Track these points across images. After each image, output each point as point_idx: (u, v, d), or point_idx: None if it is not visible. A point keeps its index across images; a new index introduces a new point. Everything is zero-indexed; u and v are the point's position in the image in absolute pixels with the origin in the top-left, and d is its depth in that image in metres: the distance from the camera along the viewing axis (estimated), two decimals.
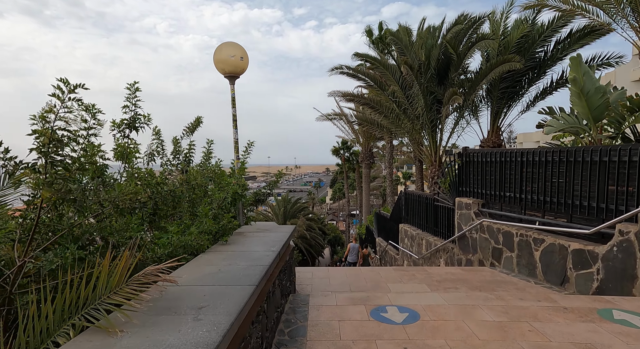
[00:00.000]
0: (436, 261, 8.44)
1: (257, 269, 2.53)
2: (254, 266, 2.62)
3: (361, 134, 28.89)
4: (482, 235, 6.73)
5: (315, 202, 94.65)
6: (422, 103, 10.59)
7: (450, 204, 8.06)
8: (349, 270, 6.61)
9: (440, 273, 6.11)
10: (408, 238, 10.25)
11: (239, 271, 2.51)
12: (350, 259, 13.53)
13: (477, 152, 7.15)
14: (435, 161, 11.40)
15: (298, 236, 34.66)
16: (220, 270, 2.52)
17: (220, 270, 2.52)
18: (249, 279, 2.33)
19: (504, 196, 6.46)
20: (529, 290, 4.97)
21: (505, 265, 6.14)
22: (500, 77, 9.62)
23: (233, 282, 2.27)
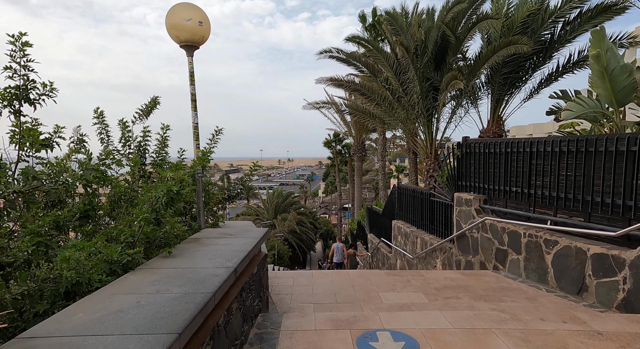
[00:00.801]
0: (432, 262, 7.78)
1: (194, 301, 1.78)
2: (192, 295, 1.87)
3: (353, 126, 28.12)
4: (484, 235, 6.05)
5: (308, 196, 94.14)
6: (418, 90, 9.82)
7: (448, 199, 7.37)
8: (336, 275, 5.90)
9: (438, 278, 5.42)
10: (402, 236, 9.57)
11: (164, 304, 1.75)
12: (335, 259, 13.02)
13: (479, 143, 6.44)
14: (430, 153, 10.70)
15: (289, 230, 33.97)
16: (138, 303, 1.76)
17: (138, 303, 1.76)
18: (172, 321, 1.57)
19: (509, 191, 5.77)
20: (542, 300, 4.30)
21: (511, 269, 5.47)
22: (502, 61, 8.89)
23: (145, 328, 1.51)
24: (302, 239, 36.36)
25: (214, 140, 4.23)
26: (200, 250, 2.78)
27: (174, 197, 2.31)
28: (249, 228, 4.60)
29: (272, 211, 38.95)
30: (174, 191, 2.26)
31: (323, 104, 16.64)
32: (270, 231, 33.82)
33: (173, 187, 2.25)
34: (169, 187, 2.25)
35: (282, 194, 42.16)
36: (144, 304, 1.74)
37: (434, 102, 10.22)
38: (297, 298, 4.64)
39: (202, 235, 3.36)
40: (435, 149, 10.68)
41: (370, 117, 12.24)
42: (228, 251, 2.74)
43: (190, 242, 3.03)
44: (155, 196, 2.25)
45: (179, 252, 2.71)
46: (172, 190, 2.25)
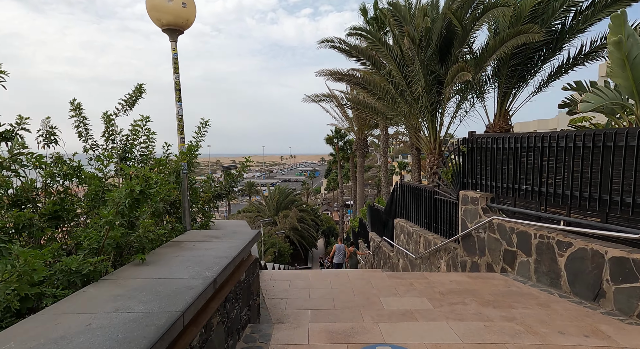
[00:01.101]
0: (436, 262, 7.48)
1: (156, 324, 1.49)
2: (156, 314, 1.57)
3: (355, 122, 27.75)
4: (491, 235, 5.74)
5: (310, 193, 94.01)
6: (423, 83, 9.46)
7: (453, 197, 7.06)
8: (335, 276, 5.61)
9: (443, 281, 5.12)
10: (404, 234, 9.27)
11: (120, 327, 1.46)
12: (336, 260, 12.86)
13: (486, 138, 6.12)
14: (434, 149, 10.36)
15: (290, 227, 33.73)
16: (89, 326, 1.47)
17: (89, 326, 1.47)
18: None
19: (518, 189, 5.45)
20: (556, 307, 4.00)
21: (521, 271, 5.16)
22: (511, 53, 8.50)
23: None
24: (304, 236, 36.13)
25: (200, 133, 3.93)
26: (179, 256, 2.49)
27: (139, 198, 2.01)
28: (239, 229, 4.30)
29: (274, 208, 38.71)
30: (137, 191, 1.96)
31: (323, 97, 16.24)
32: (271, 228, 33.63)
33: (136, 187, 1.95)
34: (130, 186, 1.95)
35: (284, 191, 41.90)
36: (95, 328, 1.45)
37: (438, 97, 9.87)
38: (293, 303, 4.36)
39: (186, 238, 3.07)
40: (440, 145, 10.34)
41: (372, 111, 11.88)
42: (210, 257, 2.45)
43: (170, 247, 2.73)
44: (118, 196, 1.96)
45: (154, 258, 2.42)
46: (134, 189, 1.95)
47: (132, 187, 1.94)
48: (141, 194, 1.98)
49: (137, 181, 1.97)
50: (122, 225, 2.29)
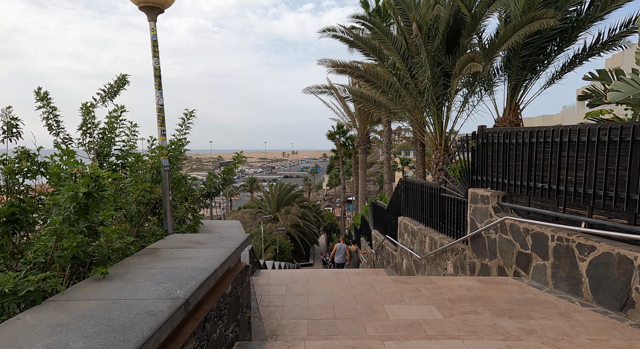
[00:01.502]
0: (442, 263, 7.11)
1: None
2: None
3: (357, 117, 27.31)
4: (503, 236, 5.36)
5: (312, 189, 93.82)
6: (429, 74, 9.02)
7: (461, 195, 6.67)
8: (336, 280, 5.25)
9: (452, 286, 4.75)
10: (408, 234, 8.90)
11: None
12: (337, 260, 12.65)
13: (498, 132, 5.72)
14: (440, 145, 9.95)
15: (291, 224, 33.42)
16: None
17: None
18: None
19: (533, 187, 5.06)
20: (579, 318, 3.62)
21: (536, 276, 4.79)
22: (523, 42, 8.05)
23: None
24: (305, 233, 35.84)
25: (184, 125, 3.56)
26: (151, 268, 2.12)
27: (88, 203, 1.64)
28: (231, 231, 3.92)
29: (275, 204, 38.40)
30: (82, 194, 1.58)
31: (324, 89, 15.73)
32: (272, 224, 33.33)
33: (79, 189, 1.58)
34: (73, 189, 1.57)
35: (285, 187, 41.56)
36: None
37: (445, 90, 9.44)
38: (289, 311, 4.00)
39: (165, 244, 2.70)
40: (445, 140, 9.93)
41: (375, 105, 11.45)
42: (187, 270, 2.08)
43: (144, 256, 2.37)
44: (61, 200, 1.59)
45: (121, 271, 2.05)
46: (77, 192, 1.57)
47: (76, 189, 1.57)
48: (89, 198, 1.61)
49: (82, 182, 1.61)
50: (82, 232, 1.93)
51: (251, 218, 33.52)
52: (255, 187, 74.68)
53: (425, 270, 7.85)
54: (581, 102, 34.13)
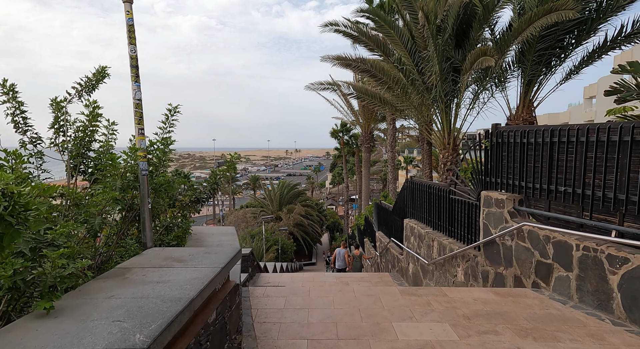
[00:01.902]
0: (452, 270, 6.70)
1: None
2: None
3: (361, 115, 26.88)
4: (520, 243, 4.95)
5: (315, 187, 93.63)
6: (437, 70, 8.57)
7: (472, 198, 6.26)
8: (339, 291, 4.86)
9: (465, 299, 4.35)
10: (415, 237, 8.49)
11: None
12: (338, 265, 12.53)
13: (515, 131, 5.29)
14: (448, 144, 9.51)
15: (294, 223, 33.06)
16: None
17: None
18: None
19: (555, 191, 4.64)
20: (613, 340, 3.22)
21: (558, 288, 4.38)
22: (538, 35, 7.58)
23: None
24: (308, 232, 35.49)
25: (168, 123, 3.17)
26: (113, 297, 1.74)
27: None
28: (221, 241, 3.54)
29: (277, 203, 38.04)
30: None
31: (327, 86, 15.24)
32: (274, 224, 32.98)
33: None
34: None
35: (288, 186, 41.17)
36: None
37: (454, 86, 9.00)
38: (287, 329, 3.62)
39: (139, 262, 2.31)
40: (454, 139, 9.49)
41: (381, 102, 11.01)
42: (156, 302, 1.69)
43: (110, 279, 1.98)
44: None
45: (76, 302, 1.67)
46: None
47: None
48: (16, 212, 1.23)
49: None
50: (23, 255, 1.55)
51: (253, 217, 33.19)
52: (258, 186, 74.51)
53: (433, 276, 7.45)
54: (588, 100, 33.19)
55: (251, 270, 9.23)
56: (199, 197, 3.54)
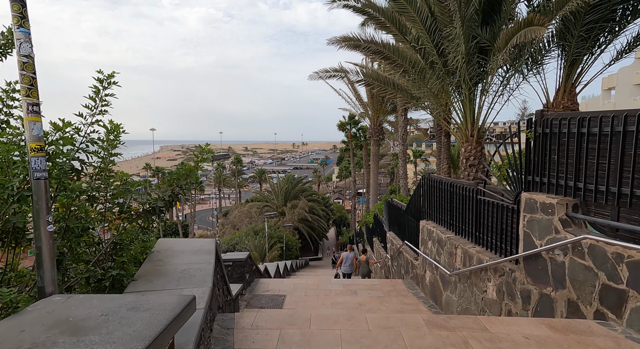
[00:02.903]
0: (480, 284, 5.68)
1: None
2: None
3: (370, 107, 25.73)
4: (577, 260, 3.91)
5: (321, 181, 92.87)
6: (463, 50, 7.43)
7: (508, 201, 5.22)
8: (348, 320, 3.87)
9: (514, 337, 3.34)
10: (433, 242, 7.48)
11: None
12: (344, 269, 11.89)
13: (569, 119, 4.22)
14: (471, 136, 8.41)
15: (299, 219, 32.13)
16: None
17: None
18: None
19: (630, 195, 3.58)
20: None
21: (636, 323, 3.34)
22: (587, 5, 6.41)
23: None
24: (314, 228, 34.58)
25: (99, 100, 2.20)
26: None
27: None
28: (189, 269, 2.58)
29: (282, 198, 37.10)
30: None
31: (335, 73, 14.02)
32: (279, 220, 32.11)
33: None
34: None
35: (293, 180, 40.17)
36: None
37: (479, 69, 7.88)
38: None
39: (15, 325, 1.33)
40: (478, 130, 8.39)
41: (394, 89, 9.87)
42: None
43: None
44: None
45: None
46: None
47: None
48: None
49: None
50: None
51: (257, 213, 32.33)
52: (264, 179, 73.85)
53: (456, 289, 6.44)
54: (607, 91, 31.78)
55: (248, 276, 8.30)
56: (155, 206, 2.57)
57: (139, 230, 2.81)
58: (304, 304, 7.37)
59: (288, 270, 17.78)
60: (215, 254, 3.09)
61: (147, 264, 2.65)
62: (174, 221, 58.79)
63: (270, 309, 6.02)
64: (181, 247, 3.20)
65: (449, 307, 6.73)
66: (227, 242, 21.80)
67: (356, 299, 7.67)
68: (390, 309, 7.12)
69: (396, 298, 7.81)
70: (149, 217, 2.58)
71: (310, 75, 13.71)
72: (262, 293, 7.97)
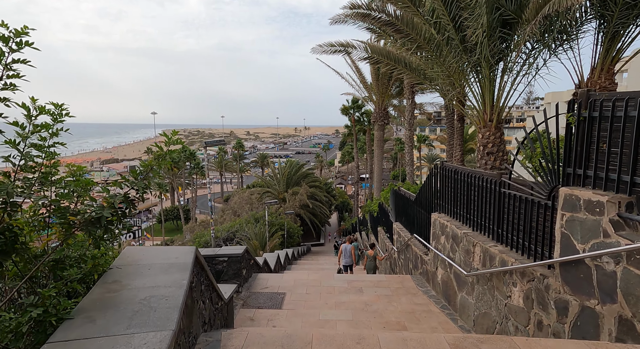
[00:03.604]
0: (503, 289, 5.05)
1: None
2: None
3: (375, 89, 24.76)
4: (634, 271, 3.25)
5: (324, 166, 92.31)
6: (485, 22, 6.57)
7: (540, 195, 4.53)
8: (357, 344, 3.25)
9: None
10: (447, 238, 6.83)
11: None
12: (344, 262, 11.63)
13: (626, 100, 3.48)
14: (490, 121, 7.60)
15: (300, 205, 31.55)
16: None
17: None
18: None
19: None
20: None
21: None
22: None
23: None
24: (316, 214, 34.06)
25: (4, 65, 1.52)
26: None
27: None
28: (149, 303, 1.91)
29: (284, 184, 36.44)
30: None
31: (339, 47, 12.98)
32: (280, 206, 31.55)
33: None
34: None
35: (295, 165, 39.40)
36: None
37: (501, 45, 7.03)
38: None
39: None
40: (498, 114, 7.58)
41: (405, 67, 9.02)
42: None
43: None
44: None
45: None
46: None
47: None
48: None
49: None
50: None
51: (258, 199, 31.76)
52: (266, 164, 73.27)
53: (473, 291, 5.83)
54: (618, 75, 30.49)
55: (245, 272, 7.71)
56: (101, 215, 1.89)
57: (93, 242, 2.16)
58: (305, 304, 6.80)
59: (289, 259, 17.29)
60: (191, 270, 2.44)
61: (96, 290, 2.00)
62: (176, 206, 58.57)
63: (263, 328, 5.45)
64: (150, 260, 2.54)
65: (464, 310, 6.14)
66: (227, 230, 21.30)
67: (362, 298, 7.09)
68: (400, 310, 6.55)
69: (405, 296, 7.23)
70: (90, 229, 1.92)
71: (313, 48, 12.68)
72: (260, 290, 7.40)
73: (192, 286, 2.80)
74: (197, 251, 2.89)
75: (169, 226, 55.59)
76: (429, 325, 5.99)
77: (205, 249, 7.26)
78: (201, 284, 3.32)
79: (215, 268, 7.05)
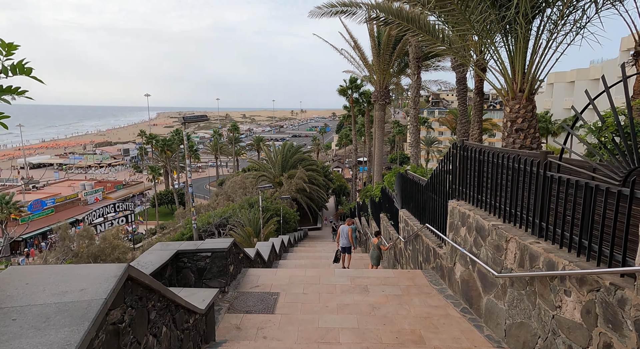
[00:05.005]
0: (551, 298, 4.04)
1: None
2: None
3: (376, 66, 23.35)
4: None
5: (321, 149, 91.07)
6: None
7: (612, 181, 3.46)
8: None
9: None
10: (469, 229, 5.79)
11: None
12: (342, 244, 11.25)
13: None
14: (521, 92, 6.41)
15: (296, 189, 30.48)
16: None
17: None
18: None
19: None
20: None
21: None
22: None
23: None
24: (313, 198, 33.06)
25: None
26: None
27: None
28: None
29: (279, 167, 35.26)
30: None
31: (343, 7, 11.59)
32: (275, 191, 30.49)
33: None
34: None
35: (291, 148, 38.10)
36: None
37: None
38: None
39: None
40: (531, 83, 6.41)
41: (420, 29, 7.73)
42: None
43: None
44: None
45: None
46: None
47: None
48: None
49: None
50: None
51: (254, 182, 30.63)
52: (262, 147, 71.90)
53: (505, 295, 4.83)
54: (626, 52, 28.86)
55: (233, 268, 6.68)
56: None
57: None
58: (301, 307, 5.81)
59: (285, 247, 16.35)
60: (97, 319, 1.38)
61: None
62: (170, 190, 57.43)
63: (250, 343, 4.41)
64: (29, 296, 1.43)
65: (491, 316, 5.16)
66: (220, 215, 20.29)
67: (368, 299, 6.11)
68: (413, 315, 5.57)
69: (418, 297, 6.25)
70: None
71: (312, 11, 11.28)
72: (250, 290, 6.40)
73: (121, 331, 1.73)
74: (132, 269, 1.83)
75: (164, 210, 54.62)
76: (450, 335, 5.02)
77: (187, 243, 6.21)
78: (149, 313, 2.24)
79: (197, 264, 6.03)
